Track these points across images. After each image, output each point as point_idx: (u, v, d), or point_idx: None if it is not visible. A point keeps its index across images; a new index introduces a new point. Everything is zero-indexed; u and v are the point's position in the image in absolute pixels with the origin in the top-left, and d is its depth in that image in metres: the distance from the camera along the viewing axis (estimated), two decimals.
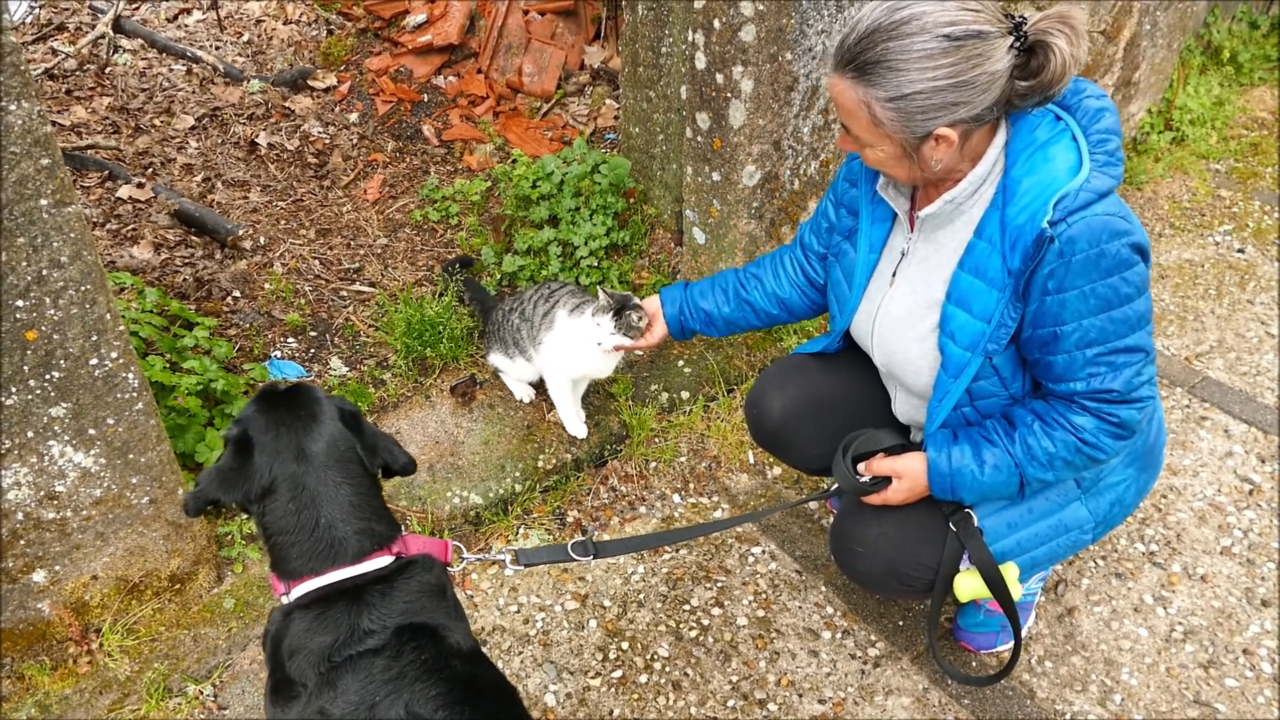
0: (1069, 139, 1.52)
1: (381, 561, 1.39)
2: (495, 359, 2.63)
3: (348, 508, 1.38)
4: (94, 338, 1.73)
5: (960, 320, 1.62)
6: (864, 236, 1.79)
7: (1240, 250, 3.52)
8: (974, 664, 2.11)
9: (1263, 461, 2.61)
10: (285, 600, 1.37)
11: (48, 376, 1.70)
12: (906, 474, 1.74)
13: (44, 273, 1.62)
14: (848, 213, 1.86)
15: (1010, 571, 1.77)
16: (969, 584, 1.76)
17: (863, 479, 1.78)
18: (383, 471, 1.49)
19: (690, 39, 2.60)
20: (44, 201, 1.57)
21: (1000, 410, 1.71)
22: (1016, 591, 1.78)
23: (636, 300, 2.20)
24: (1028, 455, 1.64)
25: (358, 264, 3.19)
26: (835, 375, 2.05)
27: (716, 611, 2.23)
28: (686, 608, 2.23)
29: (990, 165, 1.55)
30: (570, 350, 2.36)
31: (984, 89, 1.43)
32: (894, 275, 1.76)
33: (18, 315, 1.62)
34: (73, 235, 1.63)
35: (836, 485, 1.83)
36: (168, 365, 2.37)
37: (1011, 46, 1.42)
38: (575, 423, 2.58)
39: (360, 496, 1.40)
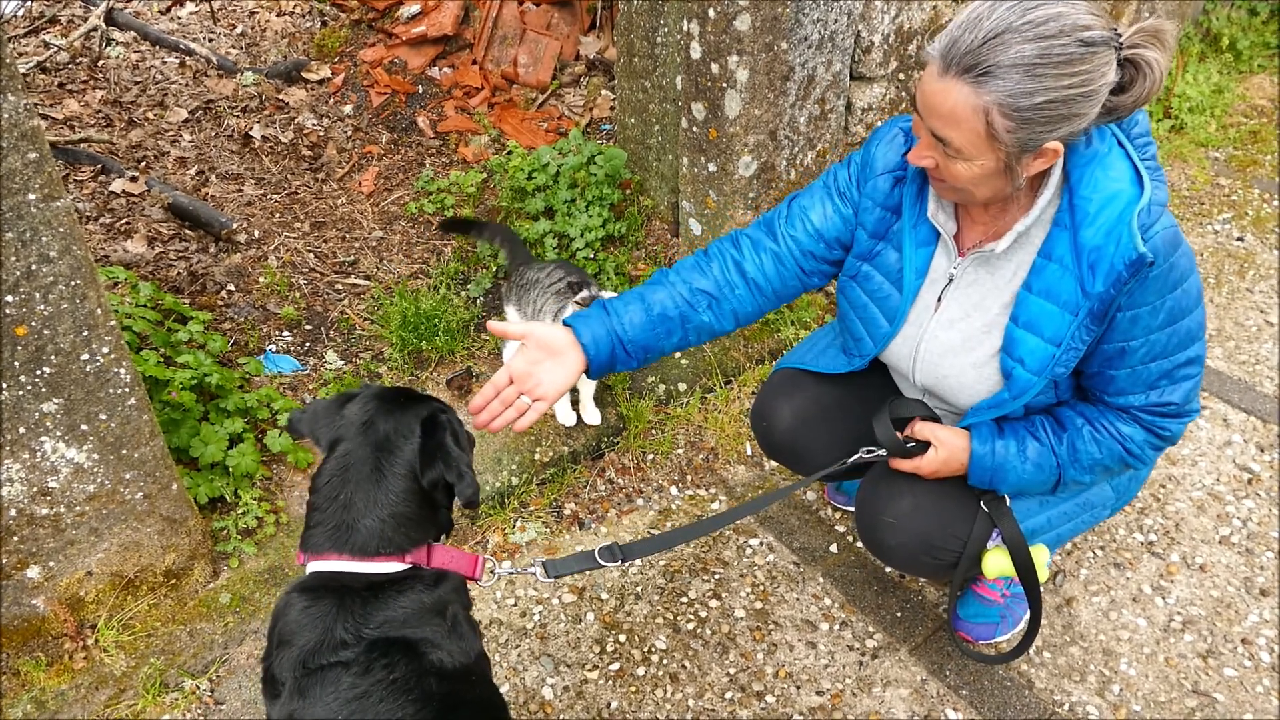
0: (1117, 146, 1.49)
1: (387, 568, 1.33)
2: (511, 313, 2.64)
3: (373, 498, 1.34)
4: (85, 333, 1.72)
5: (1030, 345, 1.57)
6: (909, 262, 1.68)
7: (1239, 239, 3.51)
8: (974, 660, 2.10)
9: (1262, 450, 2.60)
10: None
11: (39, 372, 1.69)
12: (945, 445, 1.72)
13: (33, 268, 1.60)
14: (868, 235, 1.74)
15: (1041, 554, 1.77)
16: (998, 561, 1.77)
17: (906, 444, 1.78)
18: (441, 487, 1.40)
19: (685, 28, 2.59)
20: (32, 196, 1.56)
21: (1044, 407, 1.70)
22: (1043, 574, 1.78)
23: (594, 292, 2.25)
24: (1072, 457, 1.65)
25: (353, 257, 3.18)
26: (839, 380, 1.98)
27: (714, 604, 2.22)
28: (684, 600, 2.23)
29: (1053, 188, 1.51)
30: None
31: (1098, 101, 1.35)
32: (939, 300, 1.69)
33: (7, 310, 1.61)
34: (62, 230, 1.61)
35: (833, 468, 1.82)
36: (162, 360, 2.36)
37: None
38: (565, 410, 2.57)
39: (390, 496, 1.34)
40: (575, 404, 2.61)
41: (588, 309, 1.73)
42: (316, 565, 1.33)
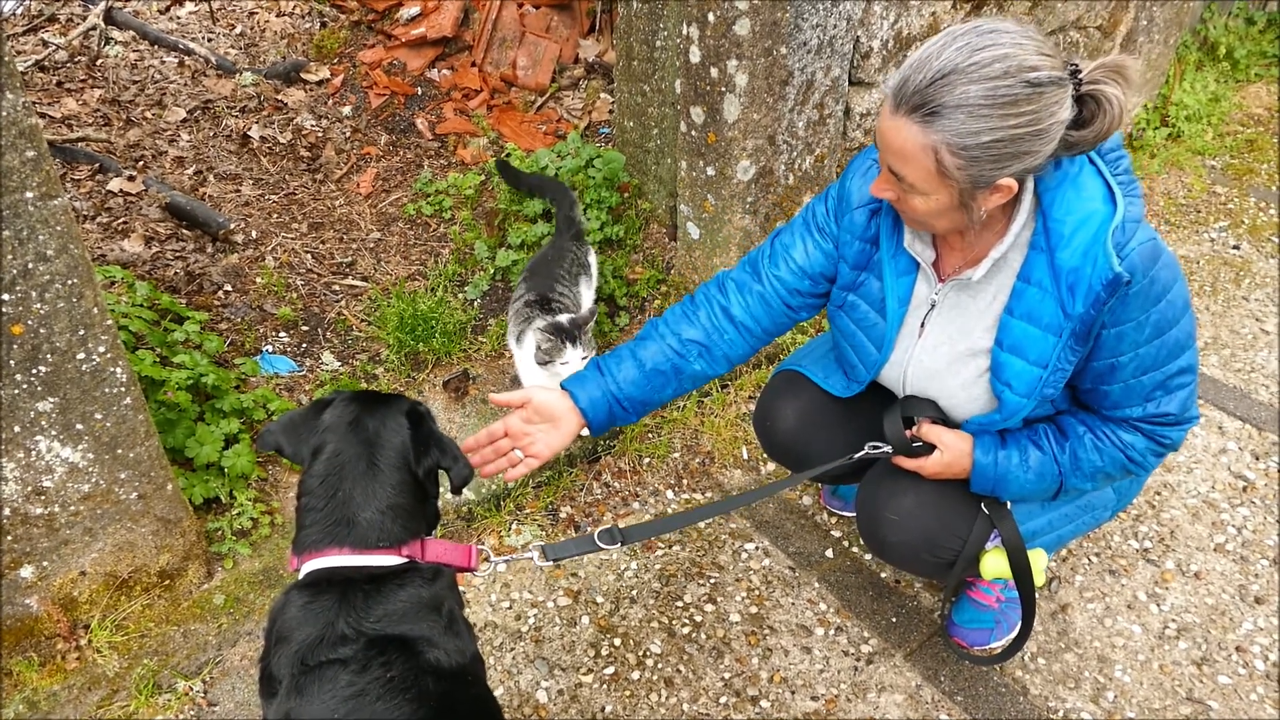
0: (1088, 164, 1.50)
1: (386, 560, 1.34)
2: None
3: (370, 491, 1.35)
4: (81, 332, 1.71)
5: (1017, 368, 1.59)
6: (890, 291, 1.69)
7: (1235, 247, 3.52)
8: (966, 662, 2.10)
9: (1257, 458, 2.61)
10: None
11: (34, 371, 1.68)
12: (949, 449, 1.73)
13: (30, 266, 1.60)
14: (850, 267, 1.75)
15: (1039, 558, 1.78)
16: (996, 563, 1.78)
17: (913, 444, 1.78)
18: (433, 476, 1.44)
19: (685, 32, 2.59)
20: (30, 194, 1.55)
21: (1045, 416, 1.71)
22: (1040, 578, 1.79)
23: (564, 319, 2.33)
24: (1074, 465, 1.66)
25: (350, 258, 3.17)
26: None
27: (709, 608, 2.22)
28: (679, 604, 2.23)
29: (1027, 213, 1.51)
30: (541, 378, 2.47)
31: (1052, 139, 1.36)
32: (922, 325, 1.71)
33: (3, 309, 1.60)
34: (59, 229, 1.61)
35: (837, 463, 1.83)
36: (158, 360, 2.35)
37: (1071, 95, 1.36)
38: None
39: (386, 488, 1.37)
40: None
41: (584, 370, 1.79)
42: (314, 563, 1.33)
